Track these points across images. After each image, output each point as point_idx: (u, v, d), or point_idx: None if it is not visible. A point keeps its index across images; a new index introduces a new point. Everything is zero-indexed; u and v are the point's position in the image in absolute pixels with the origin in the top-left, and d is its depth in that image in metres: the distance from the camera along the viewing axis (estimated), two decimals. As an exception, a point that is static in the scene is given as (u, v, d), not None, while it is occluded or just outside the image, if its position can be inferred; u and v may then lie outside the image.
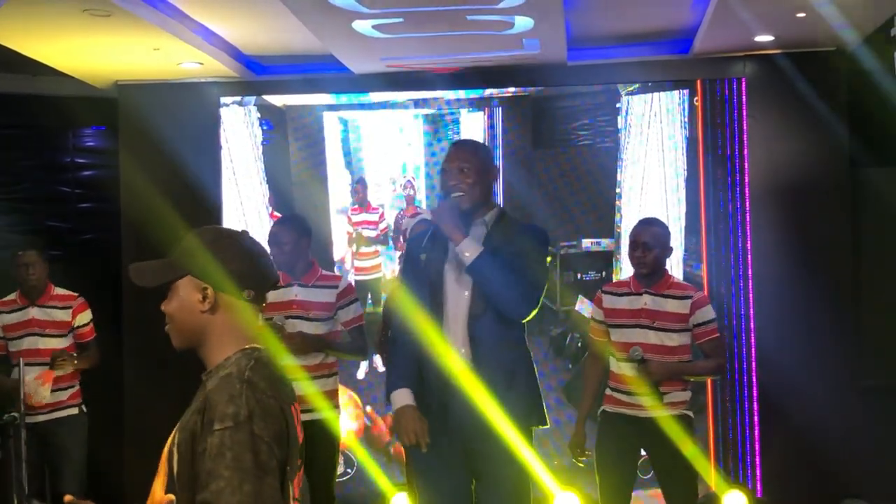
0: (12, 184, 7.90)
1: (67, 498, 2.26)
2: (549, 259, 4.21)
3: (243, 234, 2.42)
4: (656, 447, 4.96)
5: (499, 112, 7.46)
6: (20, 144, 7.95)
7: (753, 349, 6.75)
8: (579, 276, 7.18)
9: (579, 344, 6.99)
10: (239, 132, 7.38)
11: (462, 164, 4.10)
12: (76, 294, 6.09)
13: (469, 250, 3.99)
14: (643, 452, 5.10)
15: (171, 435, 2.31)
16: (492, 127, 7.46)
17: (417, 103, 7.41)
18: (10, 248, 6.30)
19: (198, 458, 2.16)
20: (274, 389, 2.23)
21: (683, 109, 7.04)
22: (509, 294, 4.00)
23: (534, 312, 4.06)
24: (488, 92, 7.35)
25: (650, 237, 4.97)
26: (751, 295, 6.77)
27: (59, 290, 6.06)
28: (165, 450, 2.29)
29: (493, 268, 3.98)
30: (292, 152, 7.59)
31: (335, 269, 7.39)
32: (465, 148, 4.24)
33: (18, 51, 6.08)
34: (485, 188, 4.14)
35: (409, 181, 7.73)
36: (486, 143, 6.42)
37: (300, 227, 5.38)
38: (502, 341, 4.08)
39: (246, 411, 2.14)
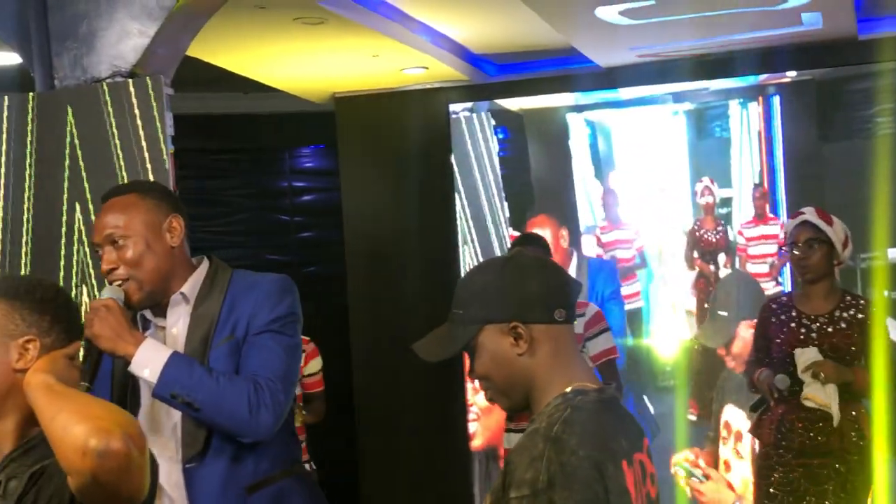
0: (226, 214, 8.28)
1: None
2: (300, 323, 3.41)
3: (524, 253, 2.40)
4: None
5: (776, 101, 7.31)
6: (233, 170, 8.33)
7: None
8: (886, 293, 6.93)
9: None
10: (472, 142, 7.47)
11: (113, 229, 3.22)
12: (307, 338, 6.17)
13: (149, 365, 3.07)
14: None
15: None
16: (769, 119, 7.31)
17: (677, 97, 7.34)
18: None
19: None
20: (592, 446, 2.14)
21: None
22: (225, 404, 3.12)
23: (280, 423, 3.24)
24: (763, 78, 7.21)
25: None
26: None
27: None
28: None
29: (199, 377, 3.10)
30: (533, 162, 7.65)
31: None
32: (112, 201, 3.30)
33: (226, 68, 6.35)
34: (158, 255, 3.24)
35: (706, 187, 7.66)
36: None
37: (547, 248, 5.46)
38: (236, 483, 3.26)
39: (546, 477, 2.06)
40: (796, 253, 5.03)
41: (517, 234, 7.28)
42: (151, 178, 3.99)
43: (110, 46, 4.15)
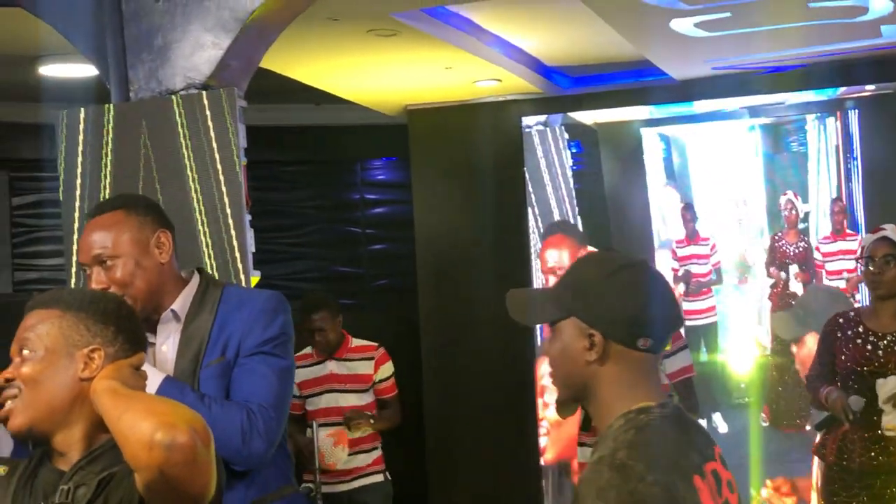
0: (298, 226, 8.36)
1: None
2: (291, 340, 3.30)
3: (644, 266, 2.29)
4: None
5: (854, 116, 7.22)
6: (305, 182, 8.41)
7: None
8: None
9: None
10: (545, 156, 7.47)
11: (100, 249, 3.12)
12: (376, 344, 6.23)
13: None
14: None
15: None
16: (847, 135, 7.23)
17: (753, 111, 7.28)
18: (298, 297, 6.63)
19: None
20: (660, 468, 2.06)
21: None
22: (218, 431, 2.98)
23: (272, 450, 3.16)
24: (841, 92, 7.13)
25: None
26: None
27: (358, 342, 6.22)
28: None
29: (190, 404, 2.83)
30: (607, 177, 7.62)
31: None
32: (97, 220, 3.18)
33: (299, 80, 6.43)
34: (148, 273, 3.15)
35: (790, 200, 7.60)
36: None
37: None
38: None
39: None
40: (871, 268, 4.99)
41: (592, 249, 7.25)
42: (224, 189, 4.02)
43: (184, 59, 4.20)
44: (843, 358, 4.97)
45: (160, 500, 2.10)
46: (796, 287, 8.00)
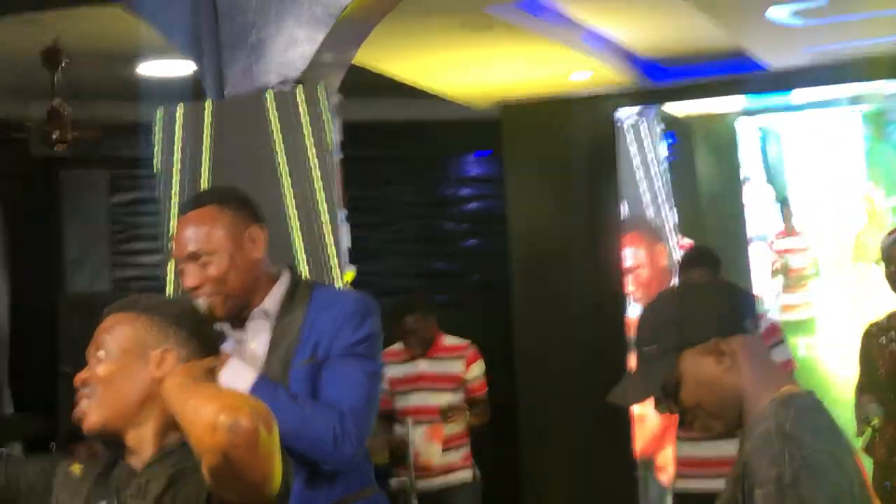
0: (392, 222, 8.38)
1: None
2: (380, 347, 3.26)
3: (690, 280, 2.40)
4: None
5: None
6: (399, 177, 8.43)
7: None
8: None
9: None
10: (639, 148, 7.43)
11: (195, 245, 3.08)
12: (467, 342, 6.23)
13: (238, 382, 2.95)
14: None
15: None
16: (953, 122, 7.11)
17: (853, 99, 7.18)
18: (393, 294, 6.65)
19: None
20: (827, 440, 2.16)
21: None
22: (310, 433, 3.00)
23: (360, 453, 3.15)
24: (944, 79, 7.01)
25: None
26: None
27: (450, 340, 6.24)
28: None
29: (283, 403, 2.98)
30: (701, 169, 7.57)
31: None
32: (190, 215, 3.14)
33: (392, 75, 6.46)
34: (242, 269, 3.12)
35: (868, 192, 7.53)
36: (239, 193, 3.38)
37: None
38: None
39: (790, 472, 2.07)
40: (891, 269, 4.97)
41: (688, 241, 7.19)
42: (320, 185, 4.03)
43: (279, 54, 4.22)
44: (880, 364, 5.04)
45: (224, 487, 2.13)
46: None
